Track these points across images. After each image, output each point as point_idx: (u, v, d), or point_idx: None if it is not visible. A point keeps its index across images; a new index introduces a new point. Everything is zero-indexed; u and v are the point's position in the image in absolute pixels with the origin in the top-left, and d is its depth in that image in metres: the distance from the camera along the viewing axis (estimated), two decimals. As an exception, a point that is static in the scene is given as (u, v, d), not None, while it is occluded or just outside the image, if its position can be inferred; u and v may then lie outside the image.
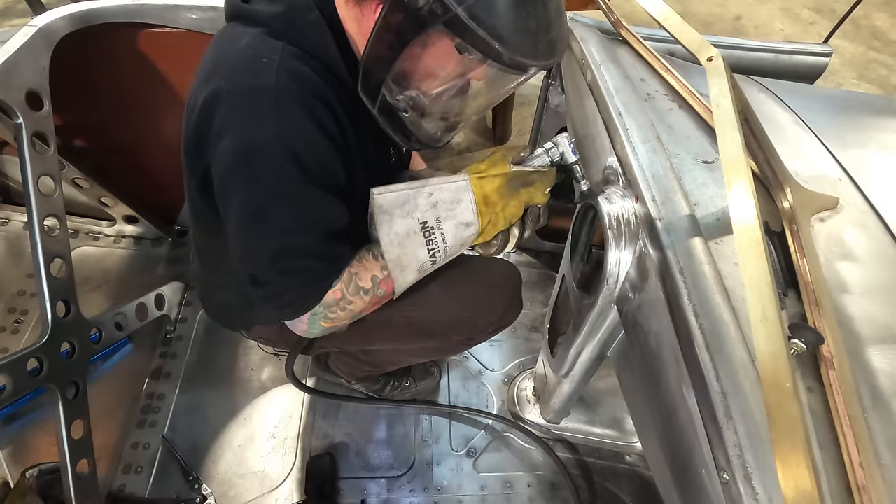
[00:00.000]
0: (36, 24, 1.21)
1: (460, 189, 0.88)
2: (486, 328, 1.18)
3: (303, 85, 0.78)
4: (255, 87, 0.76)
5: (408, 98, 0.79)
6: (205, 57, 0.87)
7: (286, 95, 0.77)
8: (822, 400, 0.65)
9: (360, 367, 1.46)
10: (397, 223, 0.88)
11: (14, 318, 1.66)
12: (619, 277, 0.85)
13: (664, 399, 0.75)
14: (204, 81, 0.80)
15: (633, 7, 1.07)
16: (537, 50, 0.71)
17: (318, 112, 0.79)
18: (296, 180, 0.79)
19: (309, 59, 0.80)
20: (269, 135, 0.76)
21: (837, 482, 0.59)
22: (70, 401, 1.22)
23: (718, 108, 0.76)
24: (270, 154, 0.77)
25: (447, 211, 0.88)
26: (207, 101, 0.79)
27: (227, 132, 0.78)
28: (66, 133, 1.48)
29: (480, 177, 0.89)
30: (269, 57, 0.77)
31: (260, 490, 1.45)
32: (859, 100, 1.62)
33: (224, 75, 0.78)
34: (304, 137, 0.78)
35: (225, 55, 0.81)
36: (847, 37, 3.64)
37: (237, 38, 0.81)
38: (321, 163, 0.81)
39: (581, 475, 1.52)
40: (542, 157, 0.93)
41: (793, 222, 0.84)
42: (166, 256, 1.89)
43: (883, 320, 0.75)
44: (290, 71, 0.77)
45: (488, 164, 0.92)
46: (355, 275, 0.90)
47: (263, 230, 0.82)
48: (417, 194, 0.88)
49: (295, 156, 0.77)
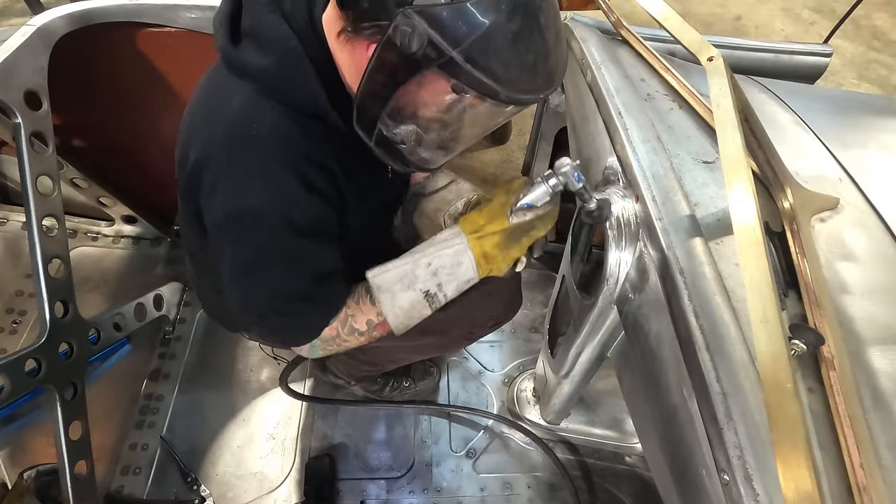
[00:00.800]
0: (34, 24, 1.21)
1: (459, 253, 0.88)
2: (486, 322, 1.18)
3: (293, 149, 0.79)
4: (247, 153, 0.78)
5: (404, 131, 0.78)
6: (197, 102, 0.87)
7: (277, 161, 0.78)
8: (823, 401, 0.65)
9: (358, 366, 1.45)
10: (400, 298, 0.89)
11: (12, 319, 1.66)
12: (619, 278, 0.85)
13: (664, 400, 0.75)
14: (195, 136, 0.82)
15: (633, 7, 1.06)
16: (536, 84, 0.70)
17: (309, 174, 0.81)
18: (288, 238, 0.82)
19: (299, 116, 0.79)
20: (260, 200, 0.79)
21: (838, 483, 0.59)
22: (68, 401, 1.22)
23: (719, 108, 0.76)
24: (262, 218, 0.80)
25: (448, 275, 0.89)
26: (199, 160, 0.81)
27: (218, 193, 0.81)
28: (65, 133, 1.48)
29: (479, 236, 0.88)
30: (260, 121, 0.77)
31: (259, 491, 1.44)
32: (860, 100, 1.62)
33: (215, 136, 0.79)
34: (295, 201, 0.80)
35: (216, 113, 0.81)
36: (847, 37, 3.64)
37: (228, 96, 0.80)
38: (313, 219, 0.84)
39: (581, 476, 1.52)
40: (543, 190, 0.85)
41: (793, 223, 0.83)
42: (165, 257, 1.89)
43: (884, 321, 0.75)
44: (280, 136, 0.78)
45: (487, 216, 0.89)
46: (351, 317, 0.92)
47: (257, 282, 0.85)
48: (416, 266, 0.88)
49: (286, 217, 0.80)
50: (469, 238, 0.88)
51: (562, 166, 0.81)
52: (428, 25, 0.62)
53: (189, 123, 0.86)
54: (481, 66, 0.64)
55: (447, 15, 0.62)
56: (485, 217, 0.89)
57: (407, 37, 0.63)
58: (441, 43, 0.62)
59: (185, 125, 0.88)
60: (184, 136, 0.86)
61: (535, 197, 0.85)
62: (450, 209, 1.17)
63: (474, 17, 0.62)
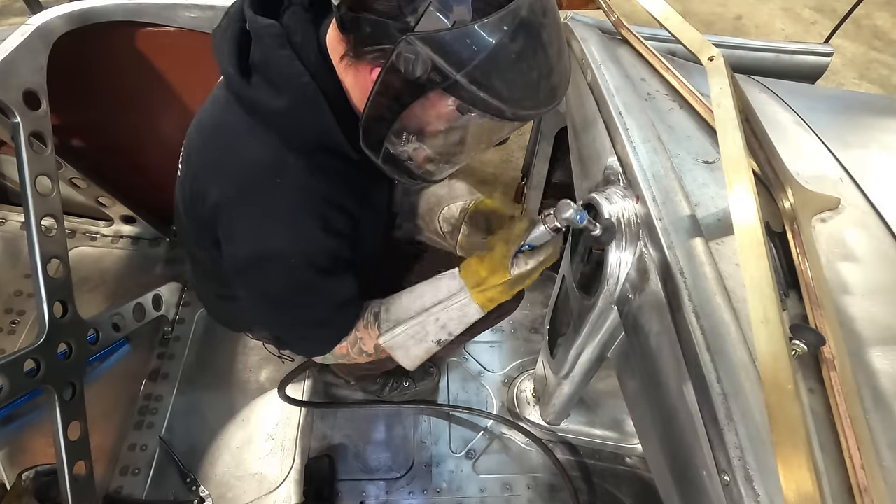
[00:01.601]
0: (33, 23, 1.20)
1: (464, 307, 0.94)
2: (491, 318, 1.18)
3: (314, 196, 0.82)
4: (267, 203, 0.81)
5: (410, 149, 0.79)
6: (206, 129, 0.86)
7: (298, 209, 0.81)
8: (824, 401, 0.65)
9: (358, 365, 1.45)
10: (413, 351, 1.00)
11: (11, 319, 1.66)
12: (619, 278, 0.84)
13: (665, 400, 0.75)
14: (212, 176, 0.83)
15: (633, 6, 1.06)
16: (539, 100, 0.70)
17: (330, 218, 0.84)
18: (308, 275, 0.86)
19: (317, 155, 0.81)
20: (283, 244, 0.82)
21: (839, 484, 0.59)
22: (67, 402, 1.22)
23: (719, 107, 0.76)
24: (283, 260, 0.83)
25: (457, 324, 0.97)
26: (219, 204, 0.82)
27: (239, 240, 0.84)
28: (64, 132, 1.48)
29: (482, 290, 0.92)
30: (282, 172, 0.79)
31: (258, 492, 1.44)
32: (860, 100, 1.62)
33: (234, 181, 0.81)
34: (316, 243, 0.84)
35: (235, 155, 0.82)
36: (848, 36, 3.64)
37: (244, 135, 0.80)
38: (333, 258, 0.88)
39: (581, 477, 1.51)
40: (544, 231, 0.87)
41: (794, 223, 0.83)
42: (164, 257, 1.89)
43: (884, 321, 0.75)
44: (301, 185, 0.81)
45: (488, 268, 0.91)
46: (360, 339, 0.99)
47: (276, 312, 0.94)
48: (425, 324, 0.96)
49: (308, 257, 0.84)
50: (472, 293, 0.93)
51: (564, 210, 0.81)
52: (431, 51, 0.62)
53: (199, 150, 0.87)
54: (486, 86, 0.64)
55: (450, 39, 0.61)
56: (486, 269, 0.91)
57: (411, 63, 0.63)
58: (445, 67, 0.62)
59: (194, 149, 0.88)
60: (194, 163, 0.87)
61: (535, 237, 0.88)
62: (445, 212, 1.18)
63: (478, 39, 0.61)
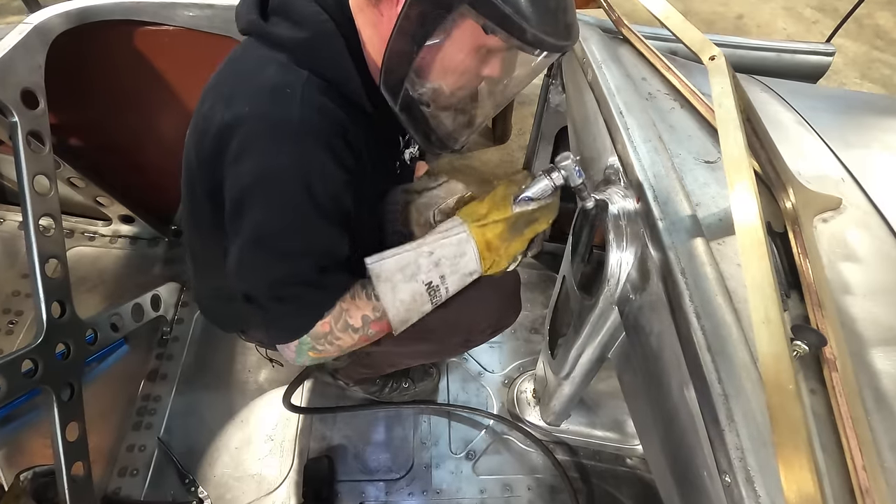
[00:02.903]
0: (31, 22, 1.20)
1: (462, 242, 0.87)
2: (485, 330, 1.17)
3: (325, 120, 0.80)
4: (279, 117, 0.78)
5: (430, 90, 0.80)
6: (224, 72, 0.87)
7: (309, 128, 0.78)
8: (825, 402, 0.65)
9: (356, 369, 1.45)
10: (401, 290, 0.87)
11: (8, 319, 1.65)
12: (620, 278, 0.84)
13: (665, 401, 0.74)
14: (225, 104, 0.81)
15: (634, 5, 1.06)
16: (558, 29, 0.73)
17: (338, 148, 0.81)
18: (306, 212, 0.81)
19: (331, 91, 0.81)
20: (287, 165, 0.78)
21: (840, 485, 0.58)
22: (65, 402, 1.21)
23: (720, 107, 0.76)
24: (286, 183, 0.79)
25: (451, 266, 0.87)
26: (228, 125, 0.79)
27: (247, 157, 0.79)
28: (62, 132, 1.47)
29: (481, 225, 0.87)
30: (294, 88, 0.78)
31: (257, 493, 1.44)
32: (862, 99, 1.62)
33: (247, 101, 0.79)
34: (321, 172, 0.80)
35: (249, 80, 0.82)
36: (850, 36, 3.64)
37: (261, 64, 0.81)
38: (333, 197, 0.83)
39: (581, 478, 1.51)
40: (545, 183, 0.86)
41: (795, 223, 0.83)
42: (163, 257, 1.88)
43: (886, 322, 0.75)
44: (314, 104, 0.79)
45: (489, 205, 0.88)
46: (346, 311, 0.88)
47: (265, 254, 0.83)
48: (418, 255, 0.87)
49: (309, 189, 0.79)
50: (471, 226, 0.86)
51: (563, 160, 0.83)
52: None
53: (214, 91, 0.86)
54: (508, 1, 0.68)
55: None
56: (487, 206, 0.88)
57: None
58: None
59: (207, 96, 0.87)
60: (206, 106, 0.85)
61: (536, 190, 0.86)
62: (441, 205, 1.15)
63: None
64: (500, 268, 0.91)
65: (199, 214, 0.96)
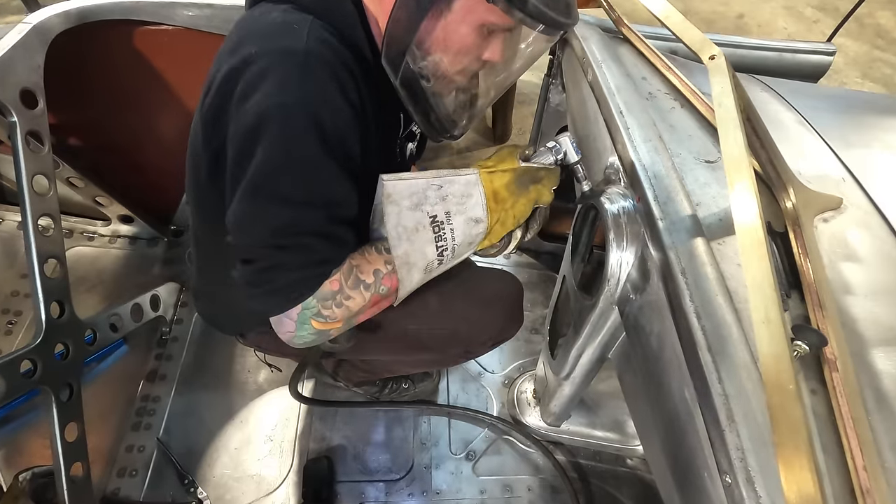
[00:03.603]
0: (30, 22, 1.20)
1: (470, 183, 0.86)
2: (485, 342, 1.17)
3: (332, 52, 0.77)
4: (285, 49, 0.75)
5: (431, 63, 0.79)
6: (230, 35, 0.84)
7: (315, 59, 0.75)
8: (826, 402, 0.65)
9: (355, 373, 1.45)
10: (406, 216, 0.83)
11: (7, 319, 1.65)
12: (620, 278, 0.84)
13: (666, 401, 0.74)
14: (230, 54, 0.78)
15: (634, 5, 1.06)
16: (559, 5, 0.74)
17: (345, 81, 0.77)
18: (314, 149, 0.75)
19: (337, 35, 0.79)
20: (295, 97, 0.73)
21: (841, 486, 0.58)
22: (64, 403, 1.21)
23: (721, 107, 0.75)
24: (294, 117, 0.73)
25: (457, 205, 0.85)
26: (235, 67, 0.76)
27: (254, 92, 0.74)
28: (61, 132, 1.47)
29: (490, 171, 0.89)
30: (301, 26, 0.76)
31: (256, 494, 1.43)
32: (863, 99, 1.62)
33: (253, 42, 0.77)
34: (330, 105, 0.75)
35: (254, 27, 0.81)
36: (851, 35, 3.64)
37: (266, 13, 0.80)
38: (341, 136, 0.77)
39: (581, 478, 1.51)
40: (547, 156, 0.94)
41: (796, 223, 0.83)
42: (162, 257, 1.88)
43: (887, 322, 0.74)
44: (320, 37, 0.76)
45: (496, 159, 0.92)
46: (356, 266, 0.83)
47: (270, 198, 0.76)
48: (427, 186, 0.84)
49: (318, 123, 0.74)
50: (481, 171, 0.88)
51: (562, 137, 0.93)
52: None
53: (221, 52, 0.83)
54: None
55: None
56: (494, 159, 0.92)
57: None
58: None
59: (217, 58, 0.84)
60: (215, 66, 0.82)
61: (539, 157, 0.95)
62: None
63: None
64: (504, 228, 0.90)
65: (202, 198, 0.93)
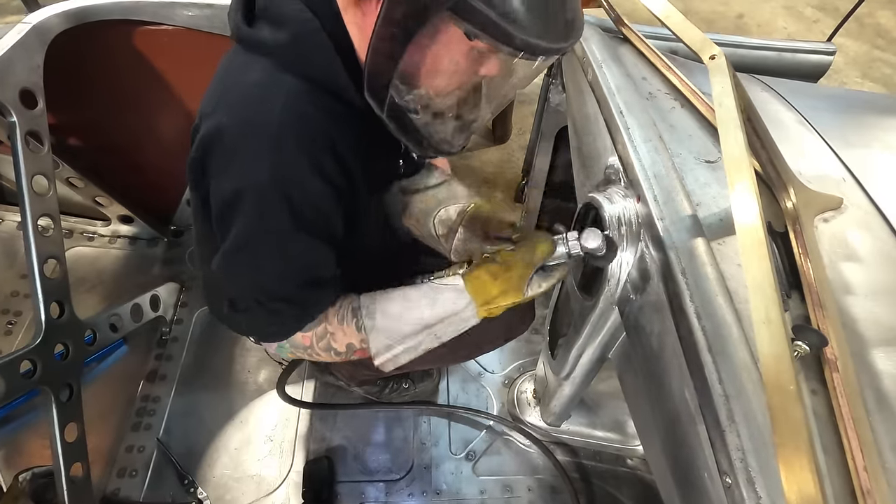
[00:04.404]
0: (30, 22, 1.20)
1: (467, 320, 0.88)
2: (498, 336, 1.19)
3: (307, 128, 0.76)
4: (257, 128, 0.75)
5: (417, 97, 0.75)
6: (213, 83, 0.84)
7: (288, 138, 0.74)
8: (826, 403, 0.64)
9: (361, 370, 1.43)
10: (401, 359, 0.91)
11: (7, 320, 1.65)
12: (620, 279, 0.84)
13: (666, 402, 0.74)
14: (209, 112, 0.79)
15: (634, 5, 1.06)
16: (553, 30, 0.66)
17: (320, 157, 0.77)
18: (285, 224, 0.78)
19: (317, 93, 0.76)
20: (265, 176, 0.75)
21: (841, 486, 0.58)
22: (64, 403, 1.21)
23: (721, 107, 0.75)
24: (266, 195, 0.76)
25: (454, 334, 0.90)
26: (210, 134, 0.77)
27: (226, 171, 0.77)
28: (61, 132, 1.47)
29: (490, 309, 0.86)
30: (276, 97, 0.74)
31: (256, 494, 1.43)
32: (863, 99, 1.61)
33: (227, 110, 0.76)
34: (301, 183, 0.76)
35: (232, 88, 0.79)
36: (851, 35, 3.64)
37: (245, 70, 0.78)
38: (315, 208, 0.80)
39: (582, 479, 1.51)
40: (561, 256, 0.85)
41: (796, 223, 0.83)
42: (162, 257, 1.88)
43: (888, 322, 0.74)
44: (295, 112, 0.75)
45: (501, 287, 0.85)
46: (331, 335, 0.89)
47: (247, 265, 0.82)
48: (423, 341, 0.89)
49: (288, 200, 0.76)
50: (479, 310, 0.86)
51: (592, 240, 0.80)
52: None
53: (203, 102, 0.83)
54: (494, 4, 0.61)
55: None
56: (499, 288, 0.85)
57: None
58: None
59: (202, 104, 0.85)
60: (199, 115, 0.83)
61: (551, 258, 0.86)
62: (440, 213, 1.13)
63: None
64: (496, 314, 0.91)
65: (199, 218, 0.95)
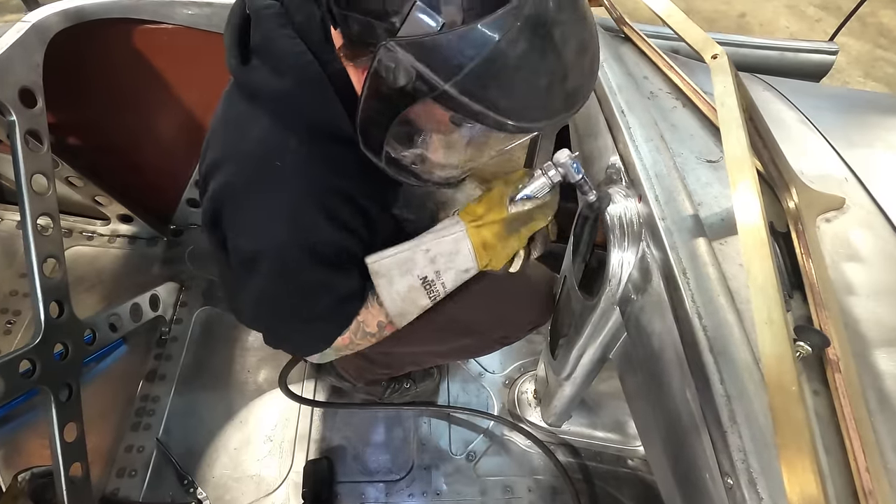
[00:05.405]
0: (29, 20, 1.19)
1: (458, 240, 0.87)
2: (524, 326, 1.21)
3: (316, 183, 0.77)
4: (266, 185, 0.76)
5: (412, 156, 0.73)
6: (217, 123, 0.84)
7: (299, 197, 0.76)
8: (828, 403, 0.64)
9: (373, 369, 1.41)
10: (397, 283, 0.89)
11: (6, 319, 1.65)
12: (621, 278, 0.83)
13: (667, 402, 0.74)
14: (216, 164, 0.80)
15: (636, 4, 1.06)
16: (552, 108, 0.63)
17: (335, 207, 0.79)
18: (309, 273, 0.82)
19: (321, 142, 0.76)
20: (284, 238, 0.78)
21: (844, 487, 0.58)
22: (63, 403, 1.21)
23: (723, 106, 0.75)
24: (286, 254, 0.79)
25: (446, 263, 0.88)
26: (220, 190, 0.79)
27: (242, 229, 0.80)
28: (60, 131, 1.47)
29: (478, 225, 0.87)
30: (281, 156, 0.75)
31: (256, 494, 1.43)
32: (866, 98, 1.62)
33: (235, 167, 0.78)
34: (319, 234, 0.79)
35: (237, 142, 0.79)
36: (853, 34, 3.63)
37: (248, 123, 0.77)
38: (338, 249, 0.83)
39: (582, 479, 1.50)
40: (542, 181, 0.85)
41: (798, 223, 0.82)
42: (161, 256, 1.88)
43: (890, 322, 0.74)
44: (303, 172, 0.76)
45: (485, 206, 0.87)
46: (362, 322, 0.93)
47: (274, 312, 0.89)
48: (414, 253, 0.88)
49: (311, 251, 0.80)
50: (468, 226, 0.87)
51: (561, 157, 0.82)
52: (414, 58, 0.56)
53: (209, 147, 0.84)
54: (480, 97, 0.57)
55: (434, 46, 0.55)
56: (483, 206, 0.87)
57: (392, 71, 0.57)
58: (431, 77, 0.56)
59: (204, 148, 0.85)
60: (204, 162, 0.83)
61: (534, 188, 0.86)
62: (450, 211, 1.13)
63: (468, 45, 0.54)
64: (498, 265, 0.92)
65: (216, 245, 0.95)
